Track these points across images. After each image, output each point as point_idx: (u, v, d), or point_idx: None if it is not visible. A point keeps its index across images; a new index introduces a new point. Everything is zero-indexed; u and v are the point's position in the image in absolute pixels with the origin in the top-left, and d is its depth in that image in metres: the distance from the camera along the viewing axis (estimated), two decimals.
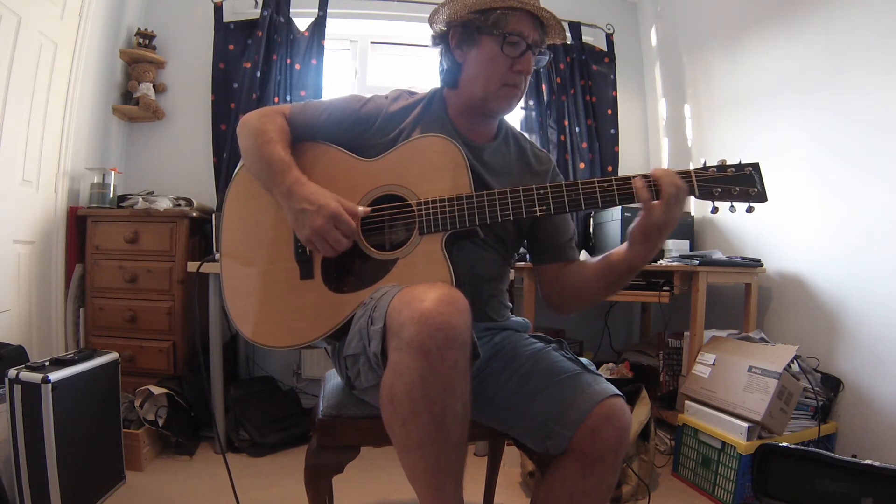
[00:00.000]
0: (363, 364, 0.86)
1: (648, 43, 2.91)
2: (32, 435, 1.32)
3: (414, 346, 0.71)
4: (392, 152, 1.01)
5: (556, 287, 1.10)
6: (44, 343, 2.00)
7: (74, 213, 2.15)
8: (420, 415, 0.73)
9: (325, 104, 1.08)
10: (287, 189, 0.96)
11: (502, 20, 0.98)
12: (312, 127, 1.07)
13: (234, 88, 2.46)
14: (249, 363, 2.49)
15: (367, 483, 1.74)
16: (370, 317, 0.83)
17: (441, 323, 0.71)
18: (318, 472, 0.99)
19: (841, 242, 1.83)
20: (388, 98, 1.09)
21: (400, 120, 1.06)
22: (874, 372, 1.70)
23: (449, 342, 0.72)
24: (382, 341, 0.78)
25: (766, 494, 1.48)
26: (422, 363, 0.71)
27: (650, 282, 2.00)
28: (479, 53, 1.01)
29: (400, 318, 0.74)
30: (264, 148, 1.00)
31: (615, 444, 0.85)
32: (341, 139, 1.06)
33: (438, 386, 0.72)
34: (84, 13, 2.11)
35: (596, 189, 0.91)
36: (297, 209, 0.94)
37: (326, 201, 0.92)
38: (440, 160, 0.97)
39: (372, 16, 2.69)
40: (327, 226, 0.91)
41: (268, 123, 1.04)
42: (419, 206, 0.96)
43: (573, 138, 2.71)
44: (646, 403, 1.72)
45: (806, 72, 1.95)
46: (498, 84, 1.01)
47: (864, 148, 1.74)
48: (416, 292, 0.76)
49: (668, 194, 0.86)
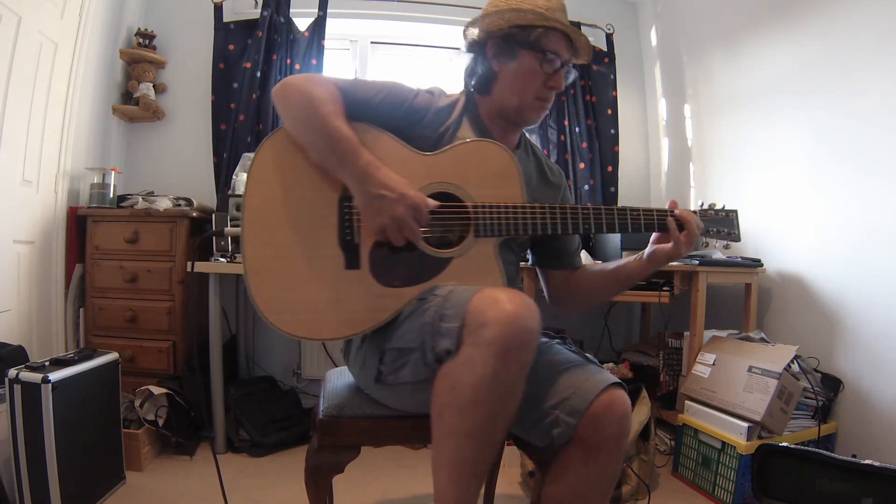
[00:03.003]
0: (416, 359, 0.86)
1: (648, 43, 2.91)
2: (32, 435, 1.32)
3: (496, 344, 0.74)
4: (448, 150, 1.01)
5: (564, 290, 1.20)
6: (44, 343, 2.00)
7: (74, 213, 2.15)
8: (479, 407, 0.76)
9: (377, 85, 1.03)
10: (361, 171, 0.91)
11: (543, 38, 1.02)
12: (366, 106, 1.00)
13: (234, 88, 2.46)
14: (249, 363, 2.49)
15: (367, 483, 1.74)
16: (440, 313, 0.83)
17: (525, 327, 0.76)
18: (319, 472, 0.99)
19: (841, 242, 1.83)
20: (432, 93, 1.09)
21: (445, 117, 1.07)
22: (874, 372, 1.70)
23: (527, 345, 0.77)
24: (457, 339, 0.79)
25: (765, 494, 1.48)
26: (499, 361, 0.74)
27: (650, 282, 2.00)
28: (517, 66, 1.04)
29: (483, 318, 0.76)
30: (328, 121, 0.92)
31: (617, 433, 0.88)
32: (391, 125, 1.01)
33: (507, 385, 0.77)
34: (84, 13, 2.11)
35: (640, 216, 1.04)
36: (373, 194, 0.90)
37: (406, 190, 0.90)
38: (496, 167, 1.01)
39: (372, 16, 2.69)
40: (406, 216, 0.90)
41: (325, 94, 0.95)
42: (475, 208, 0.98)
43: (573, 138, 2.71)
44: (646, 403, 1.72)
45: (806, 72, 1.96)
46: (532, 97, 1.06)
47: (864, 148, 1.74)
48: (498, 294, 0.79)
49: (692, 234, 1.03)
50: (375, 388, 0.98)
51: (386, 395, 0.98)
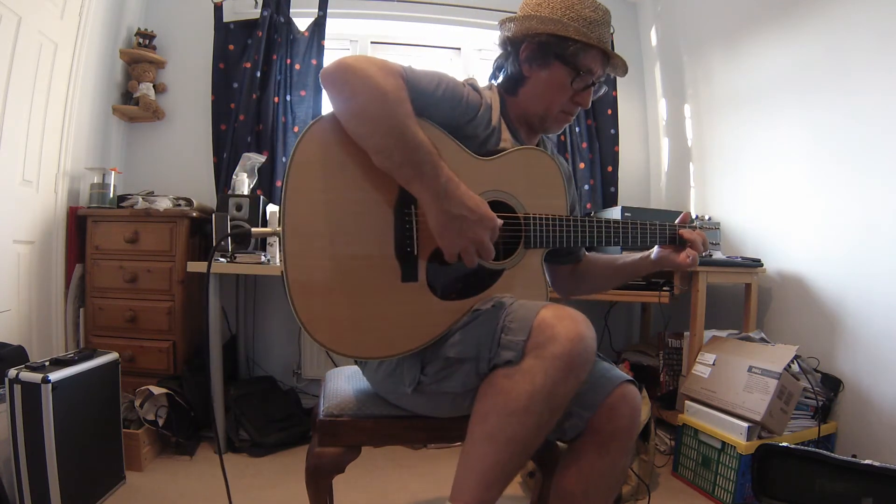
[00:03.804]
0: (468, 368, 0.86)
1: (648, 43, 2.91)
2: (32, 435, 1.32)
3: (563, 359, 0.77)
4: (503, 157, 0.99)
5: (569, 281, 1.25)
6: (44, 343, 2.00)
7: (74, 213, 2.15)
8: (530, 416, 0.78)
9: (436, 76, 0.93)
10: (443, 188, 0.84)
11: (580, 54, 1.00)
12: (429, 100, 0.90)
13: (234, 88, 2.46)
14: (249, 363, 2.49)
15: (367, 483, 1.74)
16: (503, 325, 0.84)
17: (588, 347, 0.80)
18: (319, 472, 0.99)
19: (841, 242, 1.83)
20: (476, 89, 1.02)
21: (490, 116, 1.02)
22: (874, 372, 1.70)
23: (587, 364, 0.80)
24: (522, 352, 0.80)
25: (765, 494, 1.48)
26: (561, 374, 0.78)
27: (650, 282, 2.00)
28: (549, 76, 1.03)
29: (553, 332, 0.79)
30: (407, 124, 0.82)
31: (629, 424, 0.91)
32: (445, 121, 0.94)
33: (561, 398, 0.80)
34: (84, 13, 2.11)
35: (667, 230, 1.11)
36: (453, 214, 0.85)
37: (487, 211, 0.87)
38: (544, 176, 1.02)
39: (372, 16, 2.69)
40: (485, 238, 0.87)
41: (398, 88, 0.84)
42: (528, 218, 0.98)
43: (573, 138, 2.71)
44: (646, 403, 1.72)
45: (806, 71, 1.96)
46: (557, 109, 1.05)
47: (864, 148, 1.74)
48: (565, 312, 0.81)
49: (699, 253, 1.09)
50: (407, 396, 0.94)
51: (418, 401, 0.96)
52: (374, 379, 1.03)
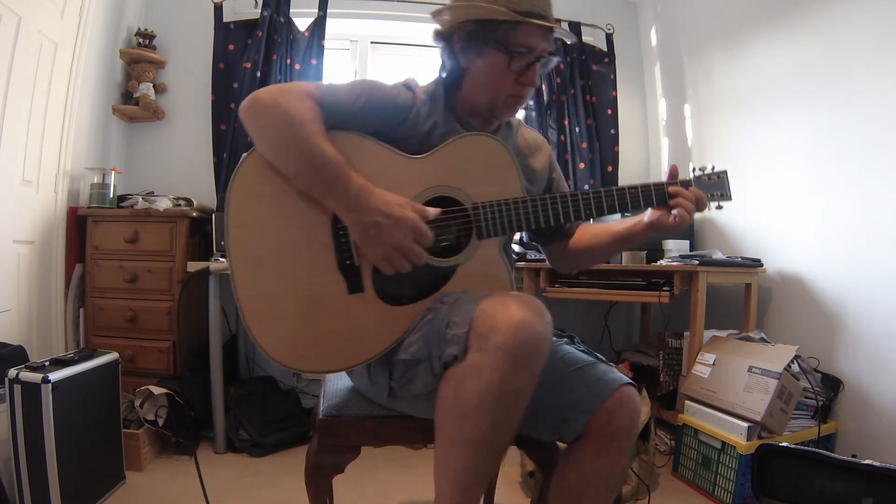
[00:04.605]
0: (424, 369, 0.83)
1: (648, 43, 2.91)
2: (32, 435, 1.32)
3: (505, 349, 0.71)
4: (439, 151, 0.95)
5: (563, 257, 1.20)
6: (44, 343, 1.99)
7: (74, 213, 2.15)
8: (484, 416, 0.73)
9: (356, 87, 0.94)
10: (354, 198, 0.84)
11: (511, 34, 0.93)
12: (346, 113, 0.92)
13: (234, 88, 2.46)
14: (249, 363, 2.49)
15: (367, 483, 1.74)
16: (447, 321, 0.81)
17: (536, 333, 0.73)
18: (319, 472, 0.99)
19: (841, 242, 1.83)
20: (411, 88, 1.01)
21: (428, 112, 0.99)
22: (874, 372, 1.70)
23: (537, 352, 0.74)
24: (464, 346, 0.77)
25: (765, 494, 1.48)
26: (507, 368, 0.72)
27: (650, 282, 2.00)
28: (485, 64, 0.97)
29: (493, 322, 0.74)
30: (311, 144, 0.84)
31: (629, 426, 0.88)
32: (375, 129, 0.94)
33: (513, 393, 0.74)
34: (84, 13, 2.11)
35: (639, 193, 0.99)
36: (368, 223, 0.84)
37: (403, 212, 0.85)
38: (490, 161, 0.96)
39: (372, 16, 2.70)
40: (407, 240, 0.85)
41: (304, 110, 0.86)
42: (476, 208, 0.94)
43: (573, 138, 2.72)
44: (646, 403, 1.72)
45: (806, 71, 1.96)
46: (504, 95, 0.99)
47: (864, 148, 1.74)
48: (507, 300, 0.76)
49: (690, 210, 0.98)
50: (389, 402, 0.95)
51: (403, 406, 0.95)
52: (361, 386, 1.04)
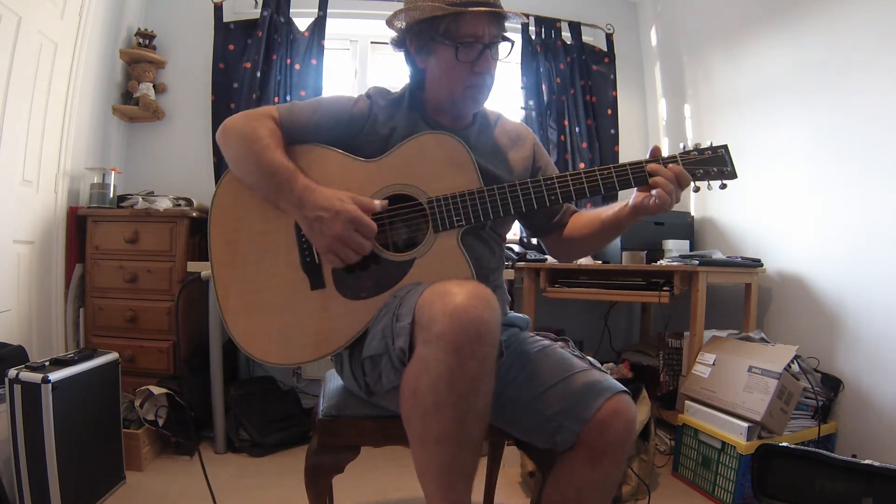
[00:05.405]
0: (385, 365, 0.84)
1: (648, 43, 2.91)
2: (32, 435, 1.32)
3: (445, 339, 0.71)
4: (394, 151, 0.99)
5: (559, 247, 1.21)
6: (44, 343, 1.99)
7: (74, 213, 2.15)
8: (443, 410, 0.72)
9: (314, 103, 1.04)
10: (298, 198, 0.92)
11: (452, 27, 0.96)
12: (304, 127, 1.01)
13: (234, 88, 2.46)
14: (249, 363, 2.49)
15: (367, 483, 1.74)
16: (395, 314, 0.83)
17: (474, 318, 0.71)
18: (319, 472, 0.99)
19: (841, 242, 1.83)
20: (371, 96, 1.07)
21: (388, 117, 1.04)
22: (874, 372, 1.70)
23: (481, 338, 0.72)
24: (410, 337, 0.77)
25: (765, 494, 1.48)
26: (452, 357, 0.71)
27: (650, 282, 2.00)
28: (437, 62, 1.01)
29: (431, 312, 0.74)
30: (263, 155, 0.94)
31: (623, 437, 0.87)
32: (334, 139, 1.01)
33: (466, 381, 0.72)
34: (84, 13, 2.11)
35: (612, 174, 0.96)
36: (311, 218, 0.90)
37: (343, 205, 0.90)
38: (446, 157, 0.98)
39: (372, 16, 2.69)
40: (347, 231, 0.89)
41: (259, 128, 0.96)
42: (431, 203, 0.96)
43: (573, 138, 2.71)
44: (646, 403, 1.72)
45: (806, 71, 1.96)
46: (462, 88, 1.01)
47: (864, 148, 1.74)
48: (447, 287, 0.76)
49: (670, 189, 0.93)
50: (373, 400, 0.98)
51: (387, 403, 0.96)
52: (350, 387, 1.04)
